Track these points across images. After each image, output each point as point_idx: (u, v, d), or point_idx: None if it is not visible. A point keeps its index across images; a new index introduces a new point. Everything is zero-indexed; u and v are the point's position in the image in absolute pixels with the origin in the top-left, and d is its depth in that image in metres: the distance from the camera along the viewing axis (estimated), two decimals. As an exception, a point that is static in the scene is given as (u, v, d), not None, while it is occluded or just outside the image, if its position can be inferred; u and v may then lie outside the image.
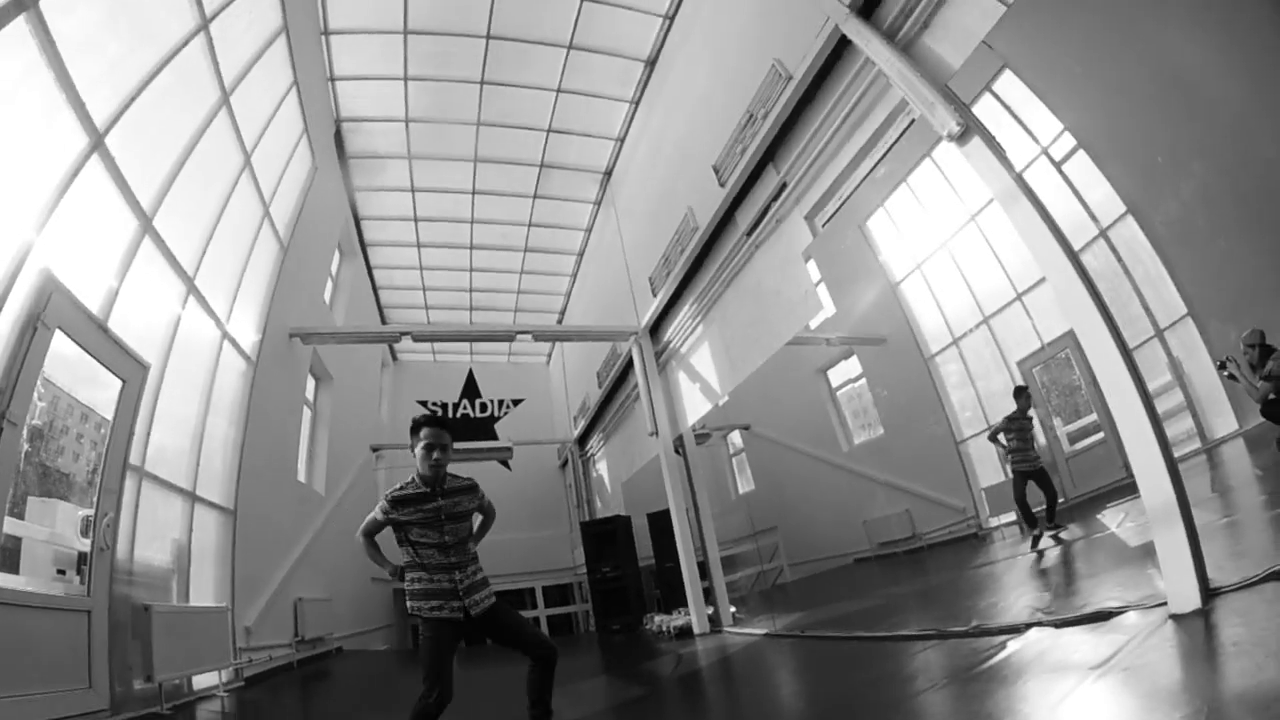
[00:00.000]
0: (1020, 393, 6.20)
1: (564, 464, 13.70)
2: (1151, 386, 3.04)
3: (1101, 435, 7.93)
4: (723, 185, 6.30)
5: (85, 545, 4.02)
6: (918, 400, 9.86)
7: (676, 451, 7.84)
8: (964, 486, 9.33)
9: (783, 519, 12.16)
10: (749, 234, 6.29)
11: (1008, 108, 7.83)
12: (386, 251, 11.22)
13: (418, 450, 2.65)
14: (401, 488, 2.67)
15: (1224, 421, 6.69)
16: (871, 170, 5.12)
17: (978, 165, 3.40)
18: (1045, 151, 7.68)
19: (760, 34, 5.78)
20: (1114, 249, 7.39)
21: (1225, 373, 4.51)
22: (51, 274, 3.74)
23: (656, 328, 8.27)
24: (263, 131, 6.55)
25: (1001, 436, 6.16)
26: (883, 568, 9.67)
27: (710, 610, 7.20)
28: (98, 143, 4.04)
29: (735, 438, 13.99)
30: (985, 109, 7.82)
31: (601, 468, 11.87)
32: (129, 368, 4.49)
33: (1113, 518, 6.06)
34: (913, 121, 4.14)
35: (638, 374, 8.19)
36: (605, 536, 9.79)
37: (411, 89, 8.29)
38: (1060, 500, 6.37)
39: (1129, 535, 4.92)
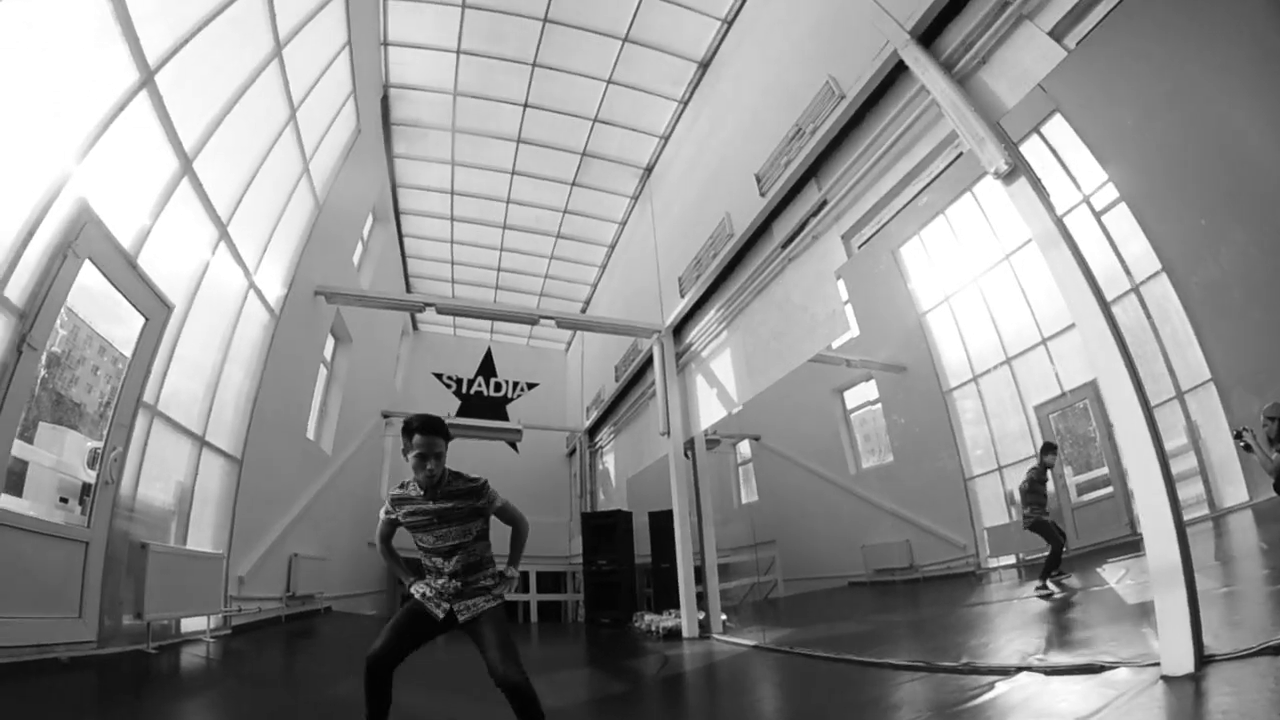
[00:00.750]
0: (1049, 449, 6.11)
1: (571, 453, 13.65)
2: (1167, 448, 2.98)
3: (1110, 490, 7.83)
4: (763, 195, 6.26)
5: (90, 477, 4.03)
6: (931, 432, 9.71)
7: (685, 454, 7.75)
8: (967, 524, 9.23)
9: (782, 533, 12.04)
10: (784, 246, 6.23)
11: (1054, 151, 7.69)
12: (419, 221, 11.22)
13: (410, 458, 2.40)
14: (402, 486, 2.54)
15: (1235, 491, 6.53)
16: (914, 198, 5.14)
17: (1021, 206, 3.41)
18: (1087, 200, 7.52)
19: (816, 49, 5.72)
20: (1144, 305, 7.23)
21: (1241, 443, 4.44)
22: (87, 204, 3.74)
23: (680, 328, 8.21)
24: (311, 88, 6.54)
25: (1017, 494, 6.07)
26: (876, 594, 9.60)
27: (701, 615, 7.13)
28: (148, 79, 4.03)
29: (744, 447, 13.86)
30: (1031, 150, 7.63)
31: (609, 460, 11.81)
32: (153, 306, 4.49)
33: (1113, 573, 6.00)
34: (960, 155, 4.15)
35: (656, 372, 8.13)
36: (605, 529, 9.74)
37: (463, 62, 8.24)
38: (1065, 553, 6.24)
39: (1128, 592, 4.92)
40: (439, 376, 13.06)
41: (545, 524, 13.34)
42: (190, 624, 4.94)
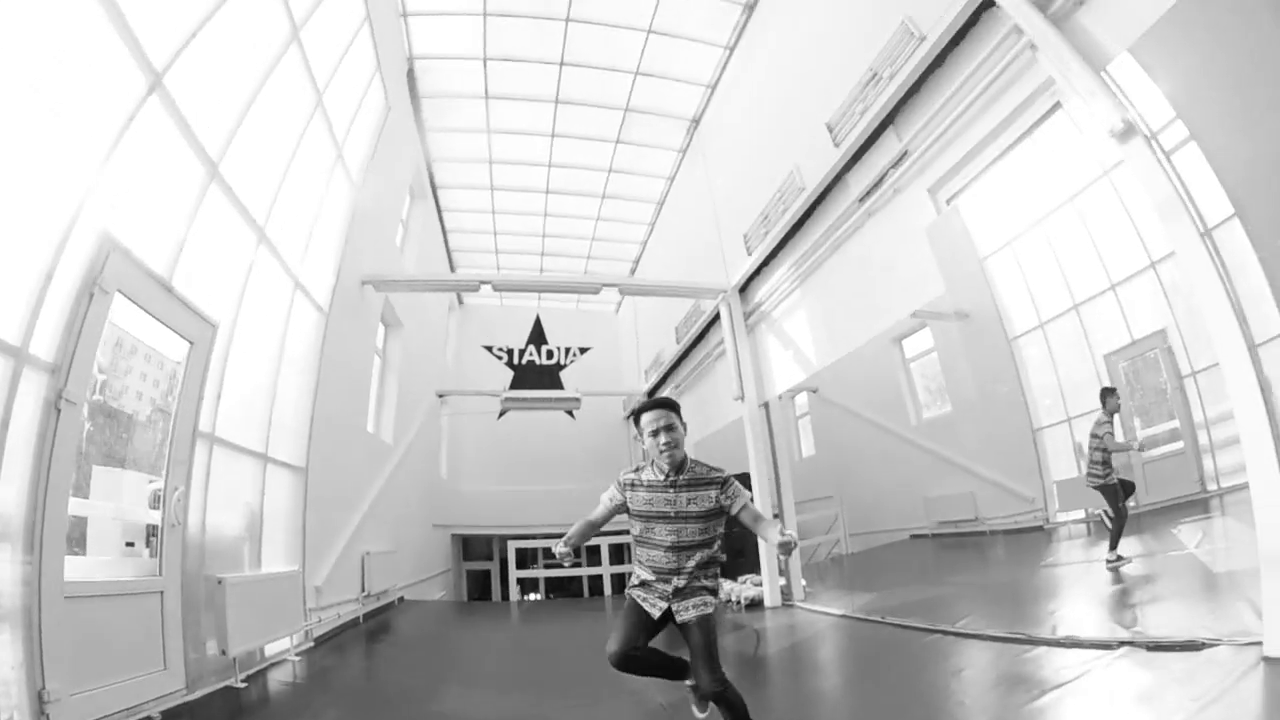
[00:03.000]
0: (1108, 394, 5.46)
1: (629, 415, 13.32)
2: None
3: (1181, 444, 7.33)
4: (837, 145, 5.58)
5: (155, 518, 3.78)
6: (995, 381, 9.06)
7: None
8: (1035, 476, 8.69)
9: (841, 488, 11.63)
10: (861, 200, 5.61)
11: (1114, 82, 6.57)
12: (457, 194, 10.61)
13: (645, 440, 2.30)
14: (636, 470, 2.37)
15: None
16: (1007, 150, 4.62)
17: (1137, 168, 3.11)
18: (1154, 136, 6.44)
19: None
20: (1217, 253, 6.27)
21: None
22: (109, 233, 3.30)
23: (746, 287, 7.64)
24: (335, 69, 5.91)
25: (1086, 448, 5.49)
26: (940, 547, 9.36)
27: (782, 582, 6.81)
28: (155, 83, 3.50)
29: (801, 399, 13.28)
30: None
31: None
32: (196, 328, 4.11)
33: (1189, 535, 5.60)
34: (1057, 104, 3.80)
35: (725, 334, 7.63)
36: None
37: (491, 25, 7.41)
38: (1132, 505, 5.87)
39: (1210, 559, 4.73)
40: (489, 349, 12.73)
41: (604, 489, 13.17)
42: (274, 647, 4.81)
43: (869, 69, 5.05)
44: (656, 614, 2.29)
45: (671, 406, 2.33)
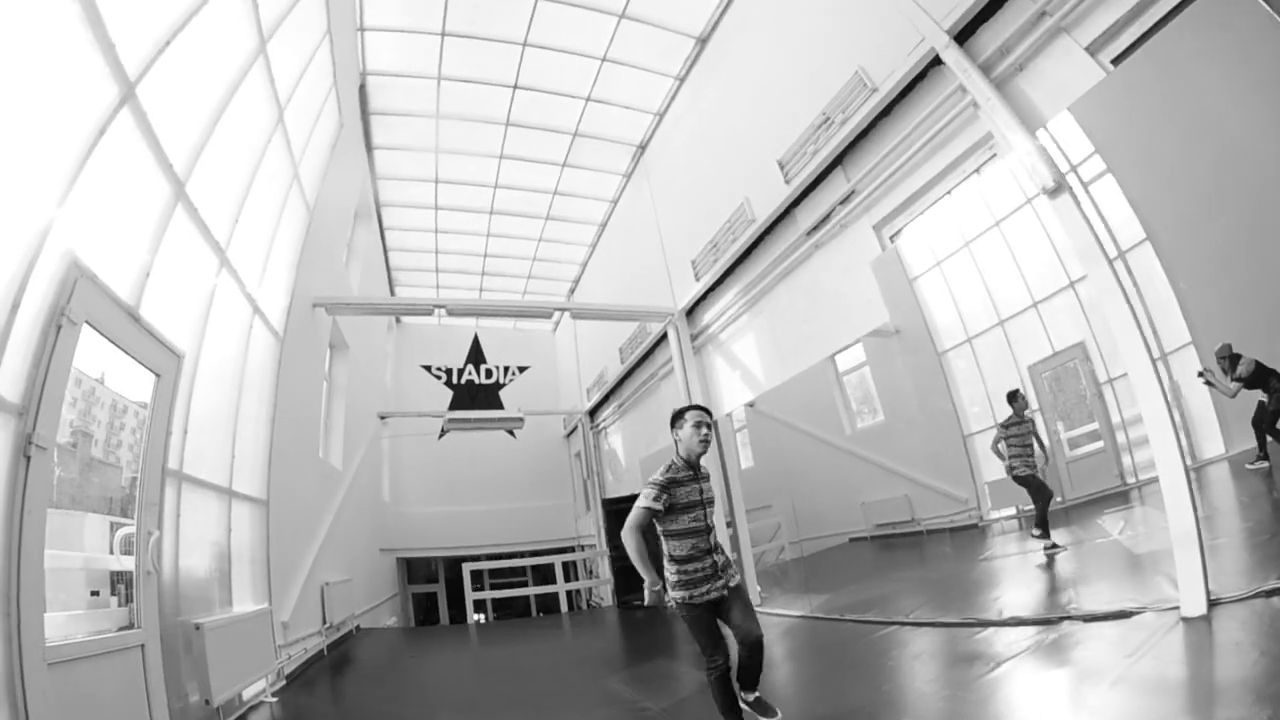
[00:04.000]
0: (1014, 397, 6.02)
1: (570, 433, 13.17)
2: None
3: (1101, 444, 7.93)
4: (788, 182, 5.83)
5: (122, 563, 3.35)
6: (927, 392, 9.68)
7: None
8: (968, 478, 9.29)
9: (779, 497, 12.01)
10: (809, 234, 5.87)
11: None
12: (401, 213, 10.14)
13: (686, 429, 2.64)
14: (667, 471, 2.61)
15: (1213, 445, 6.75)
16: (948, 193, 4.97)
17: (1065, 221, 3.43)
18: (1075, 169, 7.45)
19: (841, 37, 5.22)
20: (1130, 273, 7.32)
21: (1203, 379, 5.16)
22: (76, 258, 2.94)
23: (693, 310, 7.81)
24: (296, 84, 5.53)
25: (1001, 446, 5.99)
26: (880, 548, 9.66)
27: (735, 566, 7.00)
28: (128, 94, 3.17)
29: (739, 413, 13.68)
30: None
31: (615, 441, 11.40)
32: (163, 359, 3.71)
33: (1113, 524, 6.11)
34: (994, 155, 4.08)
35: (674, 356, 7.75)
36: (626, 513, 9.38)
37: (448, 45, 7.21)
38: (1058, 500, 6.39)
39: (1131, 543, 5.13)
40: (428, 369, 12.15)
41: (547, 508, 12.92)
42: (250, 690, 4.36)
43: (821, 113, 5.23)
44: (723, 594, 2.60)
45: (704, 407, 2.78)
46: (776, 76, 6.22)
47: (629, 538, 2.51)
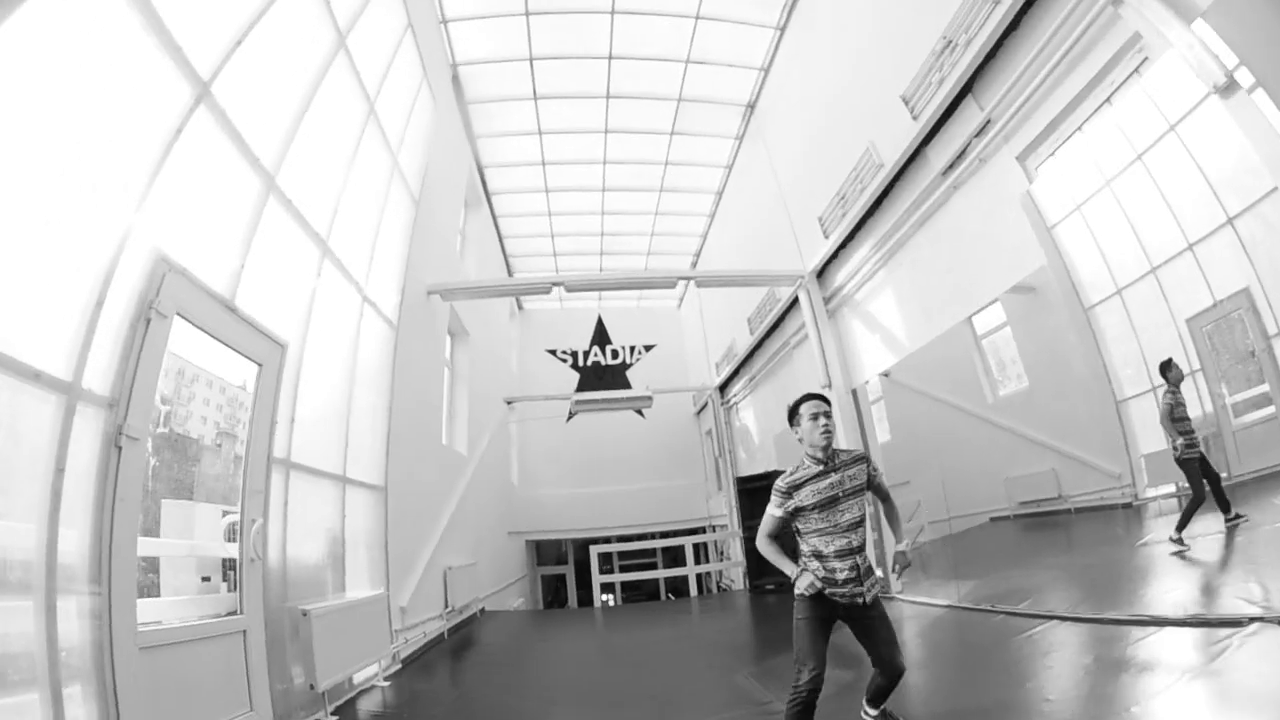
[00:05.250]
0: (1167, 367, 5.04)
1: (700, 410, 12.71)
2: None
3: (1273, 409, 6.13)
4: (915, 118, 5.12)
5: (231, 550, 3.49)
6: (1073, 353, 7.99)
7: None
8: (1121, 450, 7.61)
9: (917, 473, 10.69)
10: (944, 173, 5.17)
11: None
12: (511, 199, 10.29)
13: (804, 425, 2.46)
14: (791, 473, 2.48)
15: None
16: (1094, 112, 4.32)
17: (1243, 122, 2.90)
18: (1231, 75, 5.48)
19: None
20: None
21: None
22: (163, 253, 2.99)
23: (823, 271, 7.07)
24: (384, 77, 5.60)
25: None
26: (1023, 528, 8.51)
27: (879, 574, 6.12)
28: (203, 92, 3.18)
29: (875, 384, 12.36)
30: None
31: (747, 417, 10.72)
32: (264, 349, 3.81)
33: None
34: (1145, 60, 3.58)
35: (807, 322, 7.09)
36: (762, 491, 8.73)
37: (534, 24, 6.98)
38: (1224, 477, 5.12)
39: None
40: (553, 353, 12.39)
41: (677, 488, 12.63)
42: (362, 674, 4.50)
43: (942, 36, 4.63)
44: (860, 602, 2.36)
45: (822, 396, 2.51)
46: (886, 6, 5.46)
47: (762, 547, 2.51)
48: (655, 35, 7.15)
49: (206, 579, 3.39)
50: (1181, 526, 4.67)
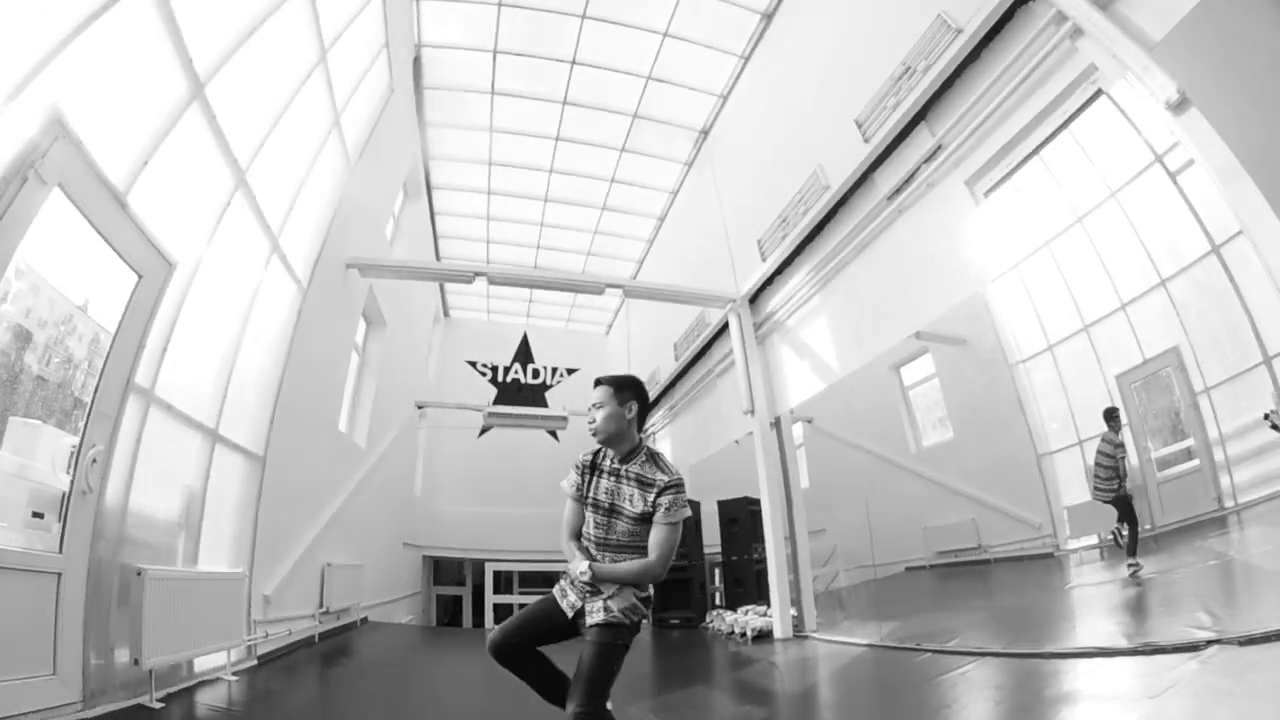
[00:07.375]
0: (1111, 416, 5.70)
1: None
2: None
3: (1196, 463, 6.76)
4: (867, 141, 5.34)
5: (64, 483, 2.97)
6: (997, 407, 8.72)
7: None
8: (1042, 502, 8.24)
9: (835, 520, 11.05)
10: (890, 198, 5.38)
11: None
12: (452, 196, 10.08)
13: None
14: (598, 451, 2.13)
15: None
16: (1047, 140, 4.47)
17: (1197, 139, 2.99)
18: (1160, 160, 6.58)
19: None
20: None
21: (1269, 423, 4.47)
22: (61, 115, 2.66)
23: (757, 297, 7.25)
24: (343, 30, 5.44)
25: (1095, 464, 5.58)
26: (940, 577, 8.86)
27: (794, 613, 6.11)
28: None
29: (797, 430, 12.80)
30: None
31: (664, 447, 10.67)
32: (149, 261, 3.41)
33: (1222, 546, 5.43)
34: (1098, 91, 3.76)
35: (735, 345, 7.17)
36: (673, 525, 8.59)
37: (505, 15, 7.09)
38: (1147, 526, 5.87)
39: (1260, 560, 4.58)
40: (473, 364, 11.98)
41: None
42: (206, 661, 3.88)
43: (902, 63, 4.88)
44: (570, 612, 2.00)
45: (607, 381, 2.09)
46: (850, 33, 5.85)
47: (566, 543, 2.22)
48: (621, 46, 7.35)
49: (39, 515, 2.83)
50: (1132, 552, 5.16)
